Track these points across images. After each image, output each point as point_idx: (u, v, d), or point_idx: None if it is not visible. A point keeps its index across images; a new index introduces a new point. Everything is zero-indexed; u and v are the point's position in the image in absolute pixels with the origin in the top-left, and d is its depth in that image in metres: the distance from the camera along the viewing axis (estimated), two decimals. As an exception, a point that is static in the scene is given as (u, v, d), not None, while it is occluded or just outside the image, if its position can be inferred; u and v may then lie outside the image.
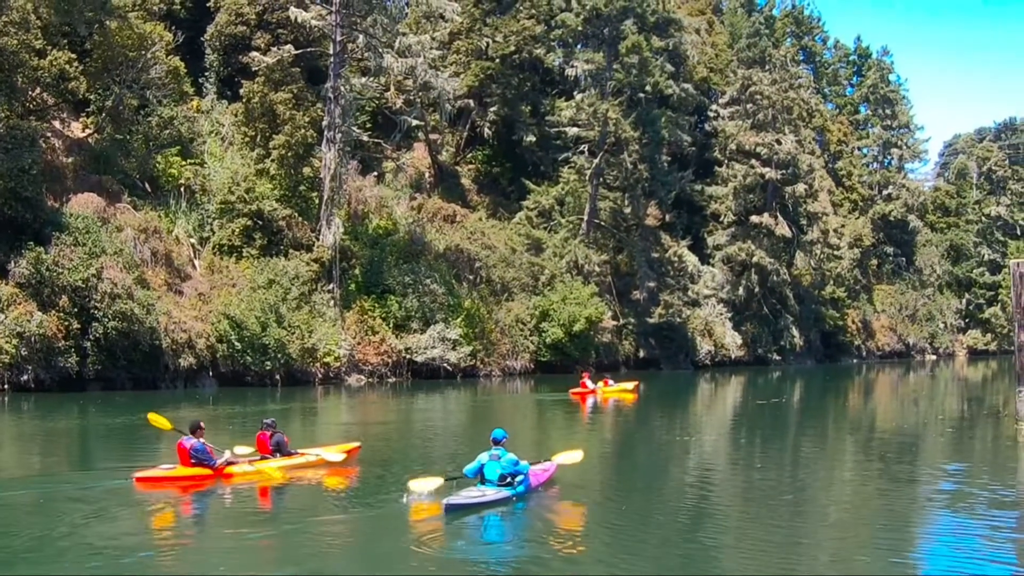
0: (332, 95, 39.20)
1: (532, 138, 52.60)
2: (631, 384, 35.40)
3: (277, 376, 35.15)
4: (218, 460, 14.43)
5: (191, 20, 44.92)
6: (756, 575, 10.16)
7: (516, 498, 12.85)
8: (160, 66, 37.22)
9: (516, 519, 12.46)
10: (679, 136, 53.60)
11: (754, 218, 58.65)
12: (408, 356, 39.08)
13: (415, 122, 48.29)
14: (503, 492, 12.67)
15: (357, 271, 39.96)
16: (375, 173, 46.32)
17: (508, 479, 12.79)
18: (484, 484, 12.71)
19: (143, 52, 36.34)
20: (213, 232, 38.05)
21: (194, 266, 36.84)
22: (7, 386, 28.43)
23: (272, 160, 38.88)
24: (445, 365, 39.62)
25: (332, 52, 39.80)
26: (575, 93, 52.21)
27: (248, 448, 15.55)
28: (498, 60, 51.80)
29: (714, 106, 62.70)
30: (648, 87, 50.72)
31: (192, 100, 42.96)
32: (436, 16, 45.20)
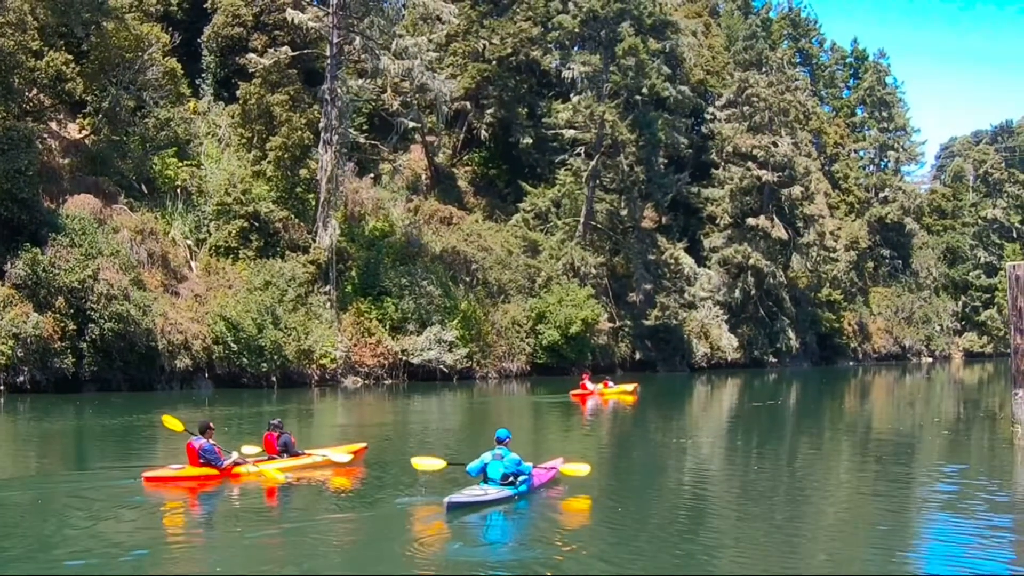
0: (329, 97, 39.21)
1: (529, 140, 52.71)
2: (631, 386, 35.47)
3: (273, 378, 35.14)
4: (226, 460, 14.51)
5: (188, 21, 44.94)
6: (755, 575, 10.18)
7: (518, 497, 12.91)
8: (157, 67, 37.27)
9: (518, 518, 12.51)
10: (676, 138, 53.72)
11: (750, 220, 58.70)
12: (404, 358, 39.07)
13: (412, 124, 48.25)
14: (505, 491, 12.73)
15: (353, 273, 39.95)
16: (372, 175, 46.30)
17: (511, 478, 12.88)
18: (487, 483, 12.80)
19: (140, 53, 36.38)
20: (209, 233, 38.03)
21: (190, 267, 36.83)
22: (3, 387, 28.38)
23: (269, 162, 38.89)
24: (441, 367, 39.63)
25: (329, 54, 39.80)
26: (572, 95, 52.24)
27: (256, 448, 15.64)
28: (495, 62, 51.88)
29: (711, 108, 62.78)
30: (645, 89, 50.85)
31: (189, 101, 42.93)
32: (433, 18, 45.17)
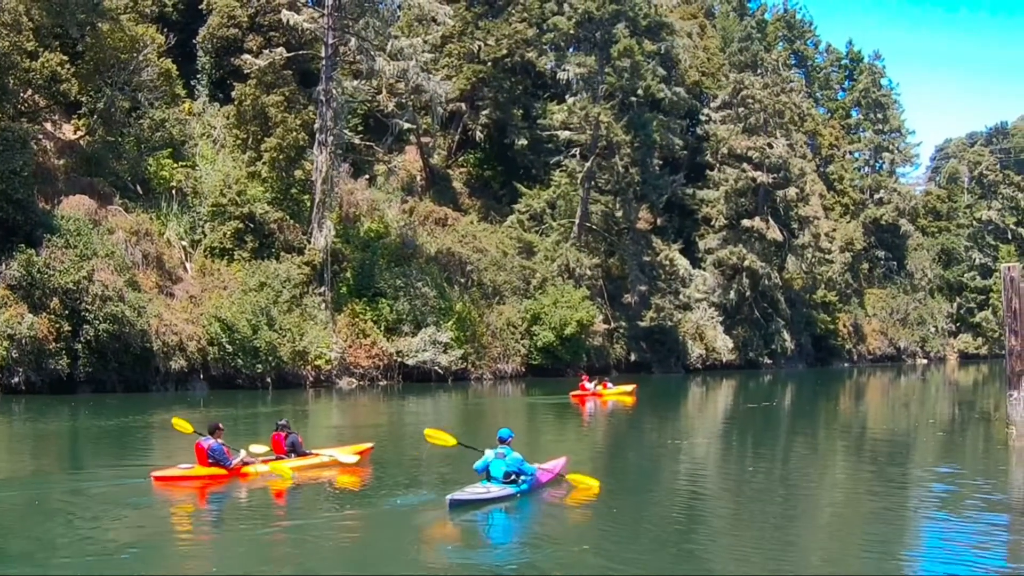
0: (324, 98, 39.18)
1: (524, 141, 52.72)
2: (630, 387, 35.56)
3: (268, 379, 35.12)
4: (234, 460, 14.69)
5: (183, 22, 44.84)
6: (753, 575, 10.22)
7: (520, 495, 13.07)
8: (152, 68, 37.26)
9: (519, 517, 12.66)
10: (671, 140, 53.76)
11: (745, 222, 58.71)
12: (399, 359, 39.05)
13: (407, 125, 48.26)
14: (507, 489, 12.94)
15: (348, 274, 39.92)
16: (367, 176, 46.27)
17: (513, 477, 13.07)
18: (489, 481, 12.98)
19: (135, 54, 36.34)
20: (204, 235, 37.97)
21: (185, 269, 36.76)
22: (-3, 388, 28.33)
23: (264, 163, 38.85)
24: (436, 368, 39.59)
25: (324, 55, 39.79)
26: (567, 97, 52.31)
27: (263, 447, 15.77)
28: (490, 63, 51.88)
29: (706, 110, 62.82)
30: (640, 91, 50.89)
31: (184, 102, 42.86)
32: (428, 19, 45.17)
